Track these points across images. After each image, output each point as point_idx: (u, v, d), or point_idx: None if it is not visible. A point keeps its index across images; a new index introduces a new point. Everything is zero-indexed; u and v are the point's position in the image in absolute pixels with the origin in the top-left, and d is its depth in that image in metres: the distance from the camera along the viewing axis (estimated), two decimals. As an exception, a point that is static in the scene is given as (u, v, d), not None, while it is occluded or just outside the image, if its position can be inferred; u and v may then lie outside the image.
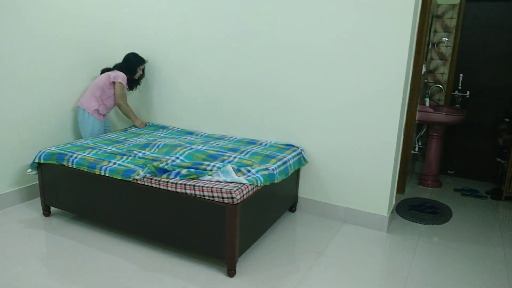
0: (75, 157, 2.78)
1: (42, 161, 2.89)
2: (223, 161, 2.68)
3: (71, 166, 2.77)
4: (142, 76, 3.75)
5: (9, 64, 3.06)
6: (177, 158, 2.73)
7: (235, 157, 2.77)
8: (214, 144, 3.12)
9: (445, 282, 2.36)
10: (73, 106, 3.62)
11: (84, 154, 2.84)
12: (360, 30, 2.79)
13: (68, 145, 3.03)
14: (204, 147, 2.97)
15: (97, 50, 3.79)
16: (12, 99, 3.13)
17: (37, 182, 3.17)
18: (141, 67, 3.68)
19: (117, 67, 3.65)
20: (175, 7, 3.54)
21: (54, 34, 3.36)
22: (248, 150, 2.95)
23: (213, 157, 2.75)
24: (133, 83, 3.71)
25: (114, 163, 2.68)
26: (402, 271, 2.47)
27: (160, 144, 3.03)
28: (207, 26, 3.40)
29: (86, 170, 2.70)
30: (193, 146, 2.97)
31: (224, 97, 3.46)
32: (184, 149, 2.86)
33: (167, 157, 2.74)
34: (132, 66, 3.62)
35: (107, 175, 2.62)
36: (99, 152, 2.89)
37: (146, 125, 3.76)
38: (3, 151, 3.13)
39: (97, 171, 2.65)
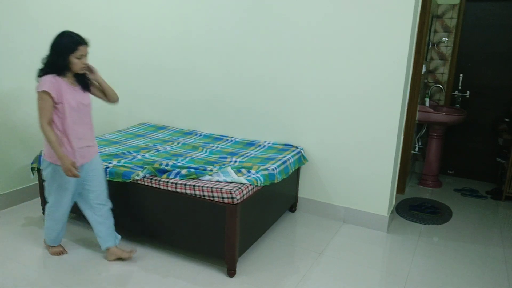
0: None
1: (39, 167, 2.76)
2: (223, 165, 2.68)
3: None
4: (86, 68, 2.23)
5: (9, 64, 3.07)
6: (178, 162, 2.72)
7: (235, 161, 2.78)
8: (213, 148, 3.12)
9: (445, 282, 2.36)
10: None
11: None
12: (360, 30, 2.79)
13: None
14: (205, 154, 2.97)
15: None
16: (11, 99, 3.13)
17: (37, 182, 3.17)
18: (77, 54, 2.14)
19: (44, 62, 2.19)
20: (173, 4, 3.53)
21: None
22: (247, 154, 2.95)
23: (213, 163, 2.75)
24: (80, 81, 2.26)
25: (114, 165, 2.66)
26: (402, 271, 2.47)
27: (161, 150, 3.01)
28: (205, 25, 3.40)
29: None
30: (193, 154, 2.96)
31: (223, 95, 3.46)
32: (186, 158, 2.86)
33: (167, 161, 2.72)
34: (60, 57, 2.13)
35: (106, 177, 2.59)
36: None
37: (75, 171, 2.16)
38: (3, 151, 3.13)
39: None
